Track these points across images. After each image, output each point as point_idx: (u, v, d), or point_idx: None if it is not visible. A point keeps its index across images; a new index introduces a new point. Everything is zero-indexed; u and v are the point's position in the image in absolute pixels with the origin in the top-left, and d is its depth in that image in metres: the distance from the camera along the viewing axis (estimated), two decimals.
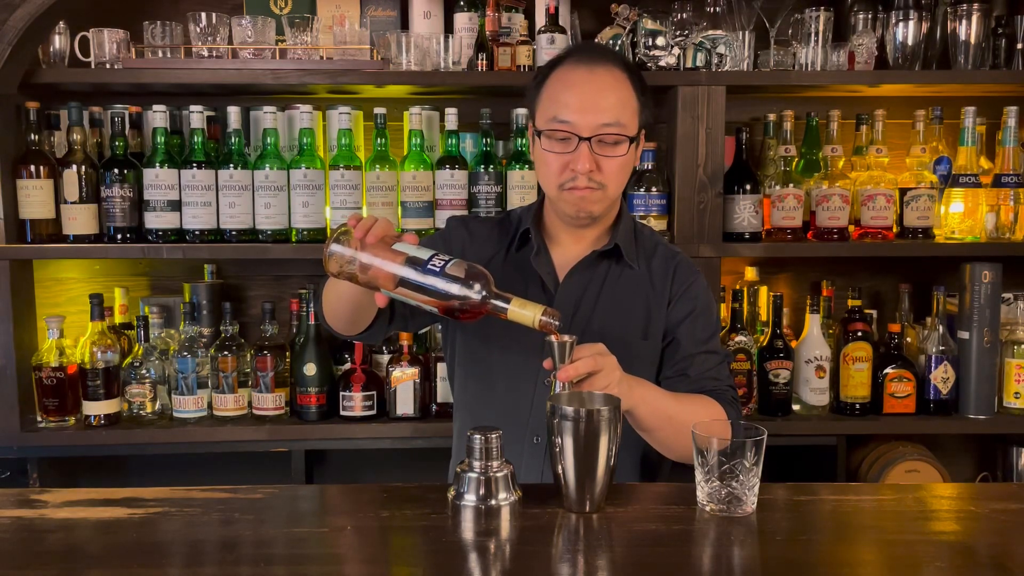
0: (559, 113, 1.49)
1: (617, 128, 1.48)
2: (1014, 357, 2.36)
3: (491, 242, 1.66)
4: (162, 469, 2.56)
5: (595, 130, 1.47)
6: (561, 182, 1.51)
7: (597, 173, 1.49)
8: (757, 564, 1.07)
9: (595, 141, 1.47)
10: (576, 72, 1.50)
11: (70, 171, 2.23)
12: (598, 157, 1.48)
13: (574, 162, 1.48)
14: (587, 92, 1.48)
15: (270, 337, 2.32)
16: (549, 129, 1.50)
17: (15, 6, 2.04)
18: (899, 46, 2.35)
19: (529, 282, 1.60)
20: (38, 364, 2.23)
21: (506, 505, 1.18)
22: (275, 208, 2.26)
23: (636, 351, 1.58)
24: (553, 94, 1.51)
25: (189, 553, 1.09)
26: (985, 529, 1.16)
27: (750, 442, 1.15)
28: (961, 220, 2.37)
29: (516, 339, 1.54)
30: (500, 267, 1.62)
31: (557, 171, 1.50)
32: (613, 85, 1.50)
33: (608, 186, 1.51)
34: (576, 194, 1.50)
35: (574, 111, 1.48)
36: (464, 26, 2.35)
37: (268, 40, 2.28)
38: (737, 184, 2.31)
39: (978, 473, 2.64)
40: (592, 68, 1.50)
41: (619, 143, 1.49)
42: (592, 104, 1.47)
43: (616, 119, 1.48)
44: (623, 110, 1.49)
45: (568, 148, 1.48)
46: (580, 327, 1.57)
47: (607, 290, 1.60)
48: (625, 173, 1.54)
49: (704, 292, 1.64)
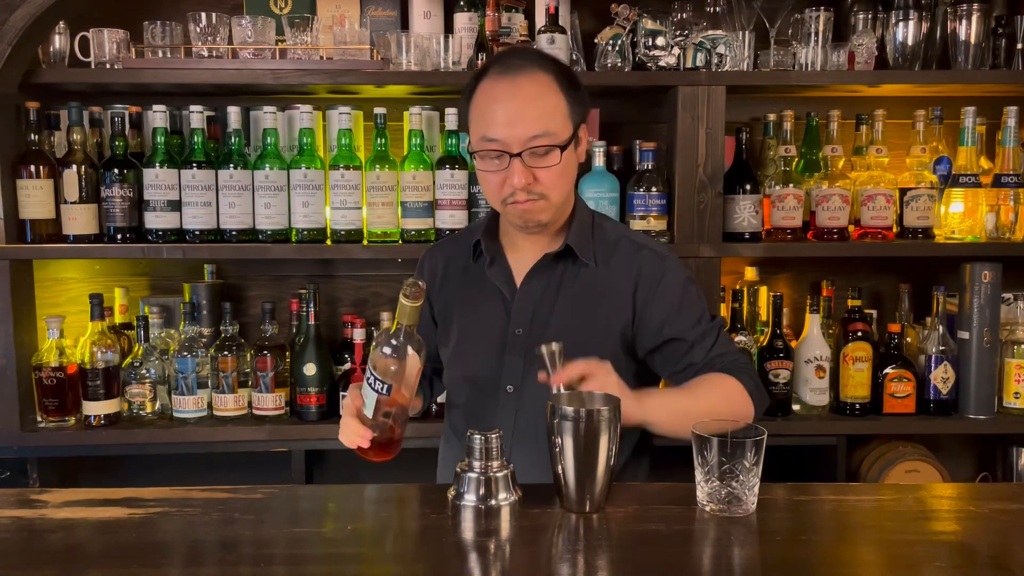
0: (487, 131, 1.47)
1: (547, 138, 1.46)
2: (1014, 357, 2.36)
3: (452, 256, 1.68)
4: (162, 469, 2.56)
5: (525, 144, 1.45)
6: (503, 198, 1.50)
7: (535, 184, 1.47)
8: (757, 564, 1.07)
9: (527, 154, 1.46)
10: (499, 85, 1.48)
11: (70, 171, 2.23)
12: (533, 170, 1.47)
13: (509, 178, 1.47)
14: (512, 105, 1.46)
15: (270, 337, 2.32)
16: (480, 150, 1.49)
17: (15, 6, 2.04)
18: (899, 46, 2.35)
19: (488, 292, 1.61)
20: (38, 364, 2.23)
21: (506, 505, 1.18)
22: (275, 208, 2.26)
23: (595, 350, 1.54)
24: (480, 110, 1.50)
25: (189, 553, 1.09)
26: (985, 529, 1.16)
27: (750, 442, 1.15)
28: (961, 220, 2.37)
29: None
30: (459, 282, 1.64)
31: (496, 188, 1.50)
32: (538, 93, 1.47)
33: (550, 195, 1.49)
34: (519, 207, 1.50)
35: (501, 127, 1.46)
36: (464, 26, 2.35)
37: (268, 40, 2.28)
38: (737, 184, 2.31)
39: (978, 473, 2.64)
40: (514, 79, 1.47)
41: (550, 152, 1.47)
42: (518, 117, 1.45)
43: (544, 129, 1.45)
44: (551, 118, 1.47)
45: (502, 165, 1.47)
46: (539, 331, 1.55)
47: (564, 292, 1.59)
48: (566, 177, 1.52)
49: (677, 278, 1.60)
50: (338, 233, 2.29)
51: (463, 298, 1.63)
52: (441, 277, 1.68)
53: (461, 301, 1.63)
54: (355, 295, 2.60)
